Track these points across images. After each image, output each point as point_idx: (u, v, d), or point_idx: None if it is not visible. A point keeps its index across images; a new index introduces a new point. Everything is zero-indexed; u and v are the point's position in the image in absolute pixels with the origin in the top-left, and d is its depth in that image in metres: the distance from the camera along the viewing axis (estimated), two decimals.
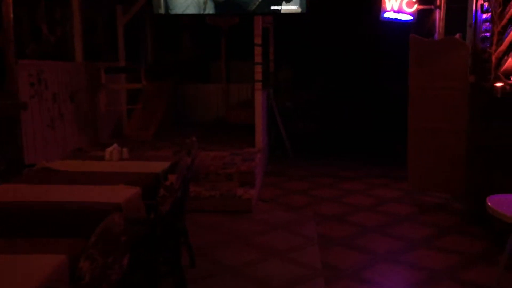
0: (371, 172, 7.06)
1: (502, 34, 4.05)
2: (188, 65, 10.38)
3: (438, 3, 6.48)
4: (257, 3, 6.10)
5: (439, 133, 5.41)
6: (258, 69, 6.69)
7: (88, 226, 2.47)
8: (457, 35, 5.63)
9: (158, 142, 7.57)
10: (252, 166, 5.74)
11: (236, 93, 10.44)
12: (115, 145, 3.84)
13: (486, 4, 4.46)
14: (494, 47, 4.08)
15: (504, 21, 4.02)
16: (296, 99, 8.93)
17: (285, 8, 6.13)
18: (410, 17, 6.50)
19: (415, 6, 6.46)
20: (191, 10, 5.81)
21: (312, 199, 5.78)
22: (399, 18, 6.51)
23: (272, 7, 6.16)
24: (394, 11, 6.47)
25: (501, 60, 4.10)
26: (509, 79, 4.09)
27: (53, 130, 6.03)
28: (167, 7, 6.08)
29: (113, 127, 8.05)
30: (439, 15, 6.46)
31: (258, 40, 6.61)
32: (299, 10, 6.11)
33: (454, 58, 5.22)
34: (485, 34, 4.30)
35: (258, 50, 6.62)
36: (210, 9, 5.99)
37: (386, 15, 6.50)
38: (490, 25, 4.13)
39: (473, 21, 4.66)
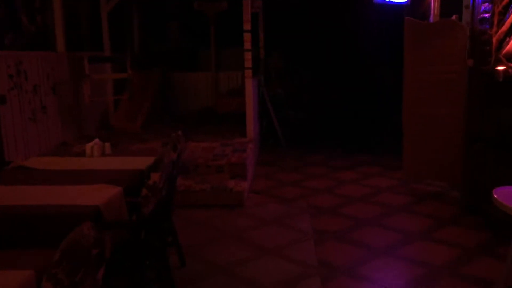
0: (364, 160, 6.89)
1: (504, 14, 3.86)
2: (176, 54, 10.11)
3: None
4: None
5: (436, 119, 5.24)
6: (248, 56, 6.47)
7: (63, 233, 2.27)
8: (454, 17, 5.44)
9: (145, 133, 7.35)
10: (243, 158, 5.54)
11: (226, 82, 10.20)
12: (96, 140, 3.62)
13: None
14: (495, 28, 3.89)
15: (506, 0, 3.82)
16: (287, 87, 8.71)
17: None
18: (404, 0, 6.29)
19: None
20: None
21: (306, 190, 5.60)
22: (393, 0, 6.30)
23: None
24: None
25: (502, 42, 3.91)
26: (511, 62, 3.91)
27: (35, 123, 5.79)
28: None
29: (99, 119, 7.81)
30: None
31: (247, 26, 6.38)
32: None
33: (451, 41, 5.03)
34: (484, 15, 4.10)
35: (247, 36, 6.40)
36: None
37: None
38: (490, 6, 3.93)
39: (470, 2, 4.46)
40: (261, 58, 9.47)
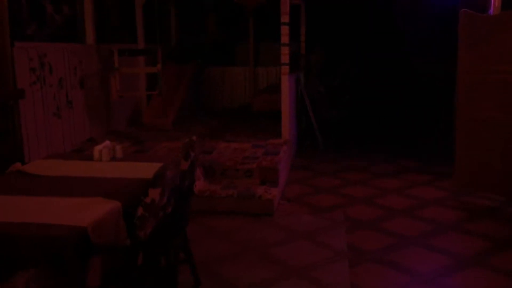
0: (410, 167, 6.29)
1: None
2: (213, 48, 9.75)
3: None
4: None
5: (495, 125, 4.62)
6: (285, 50, 6.00)
7: (41, 258, 1.90)
8: None
9: (176, 130, 7.02)
10: (275, 161, 5.09)
11: (264, 77, 9.76)
12: (106, 142, 3.26)
13: None
14: None
15: None
16: (329, 84, 8.16)
17: None
18: None
19: None
20: None
21: (343, 199, 5.10)
22: None
23: None
24: None
25: None
26: None
27: (60, 119, 5.55)
28: None
29: (130, 115, 7.55)
30: None
31: (285, 18, 5.90)
32: None
33: None
34: None
35: (285, 30, 5.92)
36: None
37: None
38: None
39: None
40: (302, 54, 8.97)
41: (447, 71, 8.70)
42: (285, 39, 5.95)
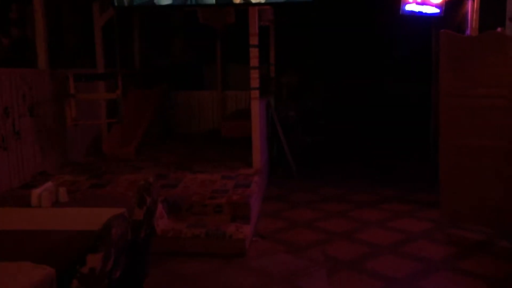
0: (389, 194, 5.94)
1: None
2: (180, 70, 9.32)
3: None
4: None
5: (482, 152, 4.31)
6: (254, 74, 5.63)
7: None
8: (499, 29, 4.54)
9: (140, 160, 6.51)
10: (246, 195, 4.64)
11: (233, 101, 9.38)
12: (48, 184, 2.75)
13: None
14: None
15: None
16: (301, 108, 7.81)
17: None
18: (437, 10, 5.40)
19: None
20: (166, 1, 4.72)
21: (321, 234, 4.67)
22: (423, 11, 5.42)
23: None
24: (418, 3, 5.38)
25: None
26: None
27: (6, 152, 4.97)
28: None
29: (90, 144, 6.99)
30: (471, 7, 5.34)
31: (254, 40, 5.55)
32: None
33: (500, 58, 4.11)
34: None
35: (254, 52, 5.57)
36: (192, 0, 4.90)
37: (408, 7, 5.41)
38: None
39: None
40: (272, 76, 8.63)
41: (422, 91, 8.54)
42: (254, 62, 5.59)
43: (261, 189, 5.66)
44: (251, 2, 5.11)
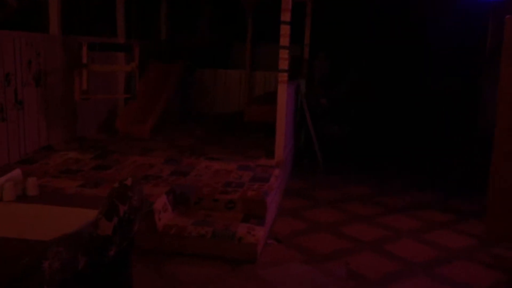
0: (424, 199, 5.30)
1: None
2: (207, 47, 8.75)
3: None
4: None
5: None
6: (284, 54, 5.01)
7: None
8: None
9: (154, 140, 6.03)
10: (263, 192, 4.09)
11: (262, 83, 8.78)
12: (13, 173, 2.26)
13: None
14: None
15: None
16: (333, 95, 7.15)
17: None
18: None
19: None
20: None
21: (344, 241, 4.09)
22: None
23: None
24: None
25: None
26: None
27: (4, 123, 4.54)
28: None
29: (103, 119, 6.55)
30: None
31: (285, 16, 4.93)
32: None
33: None
34: None
35: (285, 30, 4.95)
36: None
37: None
38: None
39: None
40: (305, 58, 7.98)
41: (466, 86, 7.76)
42: (285, 40, 4.97)
43: (282, 183, 5.10)
44: None
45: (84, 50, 5.34)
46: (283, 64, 5.01)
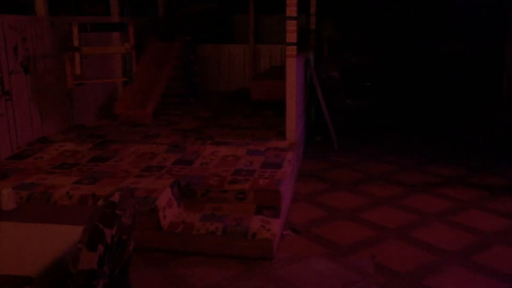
0: (449, 174, 4.93)
1: None
2: (208, 20, 8.28)
3: None
4: None
5: None
6: (292, 26, 4.58)
7: None
8: None
9: (157, 125, 5.67)
10: (277, 180, 3.73)
11: (267, 56, 8.34)
12: None
13: None
14: None
15: None
16: (345, 66, 6.69)
17: None
18: None
19: None
20: None
21: (368, 229, 3.74)
22: None
23: None
24: None
25: None
26: None
27: None
28: None
29: (102, 105, 6.18)
30: None
31: None
32: None
33: None
34: None
35: None
36: None
37: None
38: None
39: None
40: (312, 29, 7.50)
41: (489, 51, 7.24)
42: (291, 10, 4.52)
43: (295, 166, 4.74)
44: None
45: (75, 31, 4.92)
46: (291, 37, 4.58)
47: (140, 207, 3.26)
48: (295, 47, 4.60)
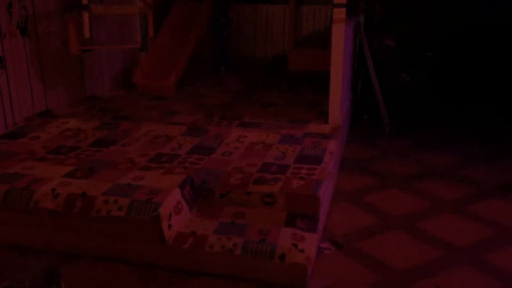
0: None
1: None
2: None
3: None
4: None
5: None
6: None
7: None
8: None
9: (178, 99, 4.95)
10: (315, 182, 2.94)
11: (310, 20, 7.37)
12: None
13: None
14: None
15: None
16: (400, 35, 5.67)
17: None
18: None
19: None
20: None
21: (429, 248, 2.92)
22: None
23: None
24: None
25: None
26: None
27: None
28: None
29: (120, 73, 5.48)
30: None
31: None
32: None
33: None
34: None
35: None
36: None
37: None
38: None
39: None
40: None
41: None
42: None
43: (338, 155, 3.93)
44: None
45: None
46: None
47: (139, 215, 2.56)
48: (344, 9, 3.72)
